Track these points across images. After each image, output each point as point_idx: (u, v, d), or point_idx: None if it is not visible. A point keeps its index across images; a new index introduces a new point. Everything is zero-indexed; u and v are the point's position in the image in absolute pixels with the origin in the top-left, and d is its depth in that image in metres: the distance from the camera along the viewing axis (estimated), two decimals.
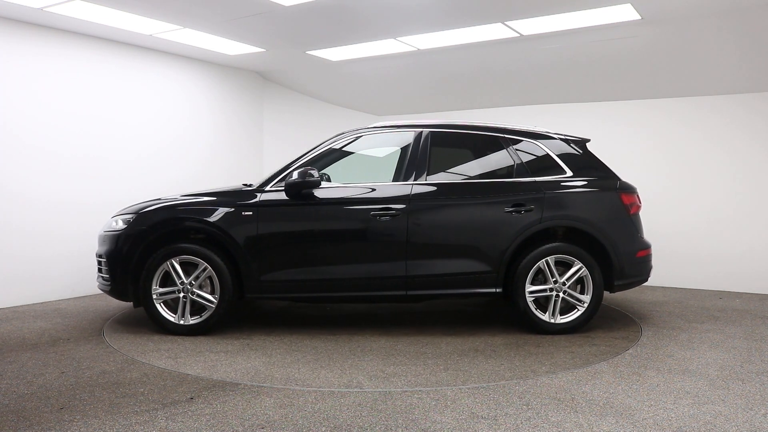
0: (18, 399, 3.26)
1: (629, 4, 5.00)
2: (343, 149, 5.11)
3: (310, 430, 2.85)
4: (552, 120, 5.63)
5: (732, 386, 3.47)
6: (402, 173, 4.84)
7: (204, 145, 7.49)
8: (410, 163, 4.85)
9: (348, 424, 2.91)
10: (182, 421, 2.94)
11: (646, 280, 4.98)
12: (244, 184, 5.04)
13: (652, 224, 5.45)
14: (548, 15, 5.32)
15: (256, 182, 4.97)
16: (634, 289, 5.91)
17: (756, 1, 4.90)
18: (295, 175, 4.68)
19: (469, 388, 3.43)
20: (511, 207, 4.67)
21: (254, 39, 6.35)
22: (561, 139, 5.01)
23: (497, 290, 4.67)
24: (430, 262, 4.66)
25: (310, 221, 4.75)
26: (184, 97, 7.25)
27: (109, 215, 6.37)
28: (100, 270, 4.95)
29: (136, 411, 3.07)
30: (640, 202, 5.03)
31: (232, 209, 4.70)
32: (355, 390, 3.41)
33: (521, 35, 5.91)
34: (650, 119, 7.13)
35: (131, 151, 6.70)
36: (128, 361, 3.97)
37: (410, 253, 4.64)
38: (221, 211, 4.71)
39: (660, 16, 5.29)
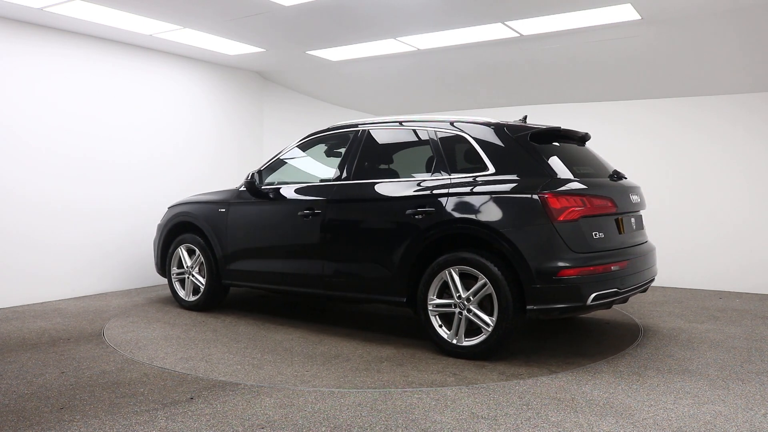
0: (18, 399, 3.26)
1: (629, 4, 5.00)
2: (308, 150, 5.23)
3: (310, 430, 2.85)
4: (552, 120, 5.60)
5: (732, 386, 3.47)
6: (335, 173, 4.82)
7: (206, 146, 7.49)
8: (342, 162, 4.80)
9: (348, 424, 2.91)
10: (182, 421, 2.94)
11: (583, 308, 3.82)
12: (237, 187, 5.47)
13: (651, 224, 5.43)
14: (548, 15, 5.32)
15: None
16: None
17: (756, 1, 4.90)
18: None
19: (469, 388, 3.43)
20: (413, 209, 4.21)
21: (254, 39, 6.35)
22: (498, 130, 4.21)
23: (401, 299, 4.27)
24: (341, 264, 4.62)
25: (255, 218, 5.17)
26: (184, 98, 7.24)
27: (108, 216, 6.47)
28: None
29: (136, 411, 3.08)
30: (595, 207, 3.98)
31: (214, 206, 5.43)
32: (355, 390, 3.41)
33: (521, 35, 5.92)
34: (650, 119, 7.13)
35: (132, 153, 6.70)
36: (128, 361, 3.97)
37: (325, 253, 4.67)
38: (206, 208, 5.49)
39: (660, 16, 5.29)
